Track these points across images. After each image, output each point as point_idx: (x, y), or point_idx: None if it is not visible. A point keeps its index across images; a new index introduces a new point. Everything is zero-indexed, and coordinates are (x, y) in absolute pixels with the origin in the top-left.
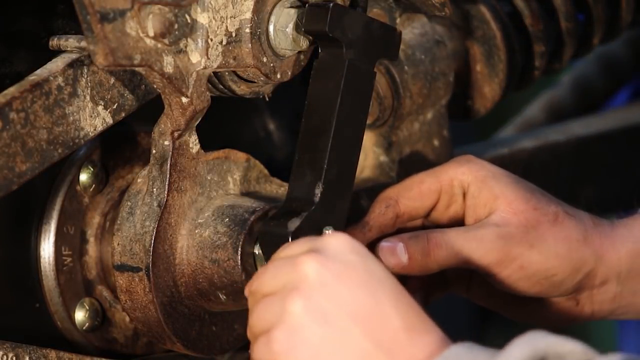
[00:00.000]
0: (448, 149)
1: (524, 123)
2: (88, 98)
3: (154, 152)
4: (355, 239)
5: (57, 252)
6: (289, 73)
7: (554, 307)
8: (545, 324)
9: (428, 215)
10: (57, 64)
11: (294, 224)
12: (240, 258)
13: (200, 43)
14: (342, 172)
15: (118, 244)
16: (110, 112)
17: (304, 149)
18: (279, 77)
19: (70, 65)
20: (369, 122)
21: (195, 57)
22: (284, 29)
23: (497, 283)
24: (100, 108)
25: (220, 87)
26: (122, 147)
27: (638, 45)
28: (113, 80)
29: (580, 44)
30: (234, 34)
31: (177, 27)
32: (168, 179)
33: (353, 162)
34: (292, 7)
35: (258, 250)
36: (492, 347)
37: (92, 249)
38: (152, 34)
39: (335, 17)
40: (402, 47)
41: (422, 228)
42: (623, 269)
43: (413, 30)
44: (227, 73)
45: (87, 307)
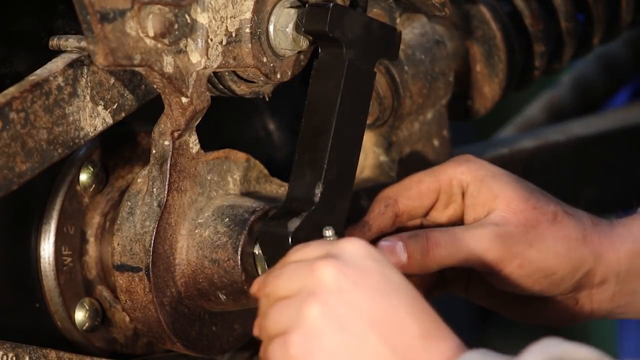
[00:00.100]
0: (448, 149)
1: (524, 123)
2: (88, 98)
3: (154, 152)
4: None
5: (57, 252)
6: (289, 73)
7: (553, 306)
8: (544, 324)
9: (427, 215)
10: (57, 64)
11: (294, 224)
12: (240, 258)
13: (200, 43)
14: (342, 172)
15: (118, 244)
16: (110, 112)
17: (304, 149)
18: (279, 77)
19: (70, 65)
20: (369, 122)
21: (195, 57)
22: (284, 29)
23: (496, 282)
24: (100, 108)
25: (220, 87)
26: (122, 147)
27: (638, 45)
28: (113, 80)
29: (580, 44)
30: (234, 34)
31: (177, 27)
32: (168, 179)
33: (353, 162)
34: (292, 7)
35: (258, 250)
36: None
37: (92, 249)
38: (152, 34)
39: (335, 17)
40: (402, 47)
41: (421, 227)
42: (622, 269)
43: (413, 30)
44: (227, 73)
45: (87, 307)
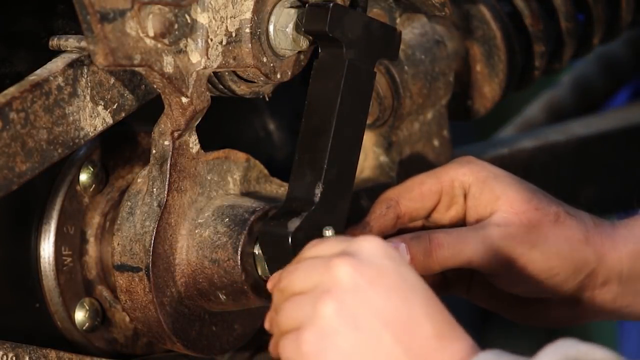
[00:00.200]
0: (448, 149)
1: (524, 123)
2: (88, 98)
3: (154, 152)
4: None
5: (57, 252)
6: (289, 73)
7: (555, 308)
8: (546, 325)
9: (429, 216)
10: (57, 64)
11: (294, 224)
12: (240, 258)
13: (200, 43)
14: (342, 172)
15: (118, 244)
16: (110, 112)
17: (304, 149)
18: (279, 77)
19: (70, 65)
20: (369, 122)
21: (195, 57)
22: (284, 29)
23: (498, 283)
24: (100, 108)
25: (220, 87)
26: (122, 147)
27: (638, 45)
28: (113, 80)
29: (580, 44)
30: (234, 34)
31: (177, 27)
32: (168, 179)
33: (353, 162)
34: (292, 7)
35: (258, 250)
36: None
37: (92, 249)
38: (152, 34)
39: (335, 17)
40: (402, 47)
41: (423, 229)
42: (624, 270)
43: (413, 30)
44: (227, 73)
45: (87, 307)
